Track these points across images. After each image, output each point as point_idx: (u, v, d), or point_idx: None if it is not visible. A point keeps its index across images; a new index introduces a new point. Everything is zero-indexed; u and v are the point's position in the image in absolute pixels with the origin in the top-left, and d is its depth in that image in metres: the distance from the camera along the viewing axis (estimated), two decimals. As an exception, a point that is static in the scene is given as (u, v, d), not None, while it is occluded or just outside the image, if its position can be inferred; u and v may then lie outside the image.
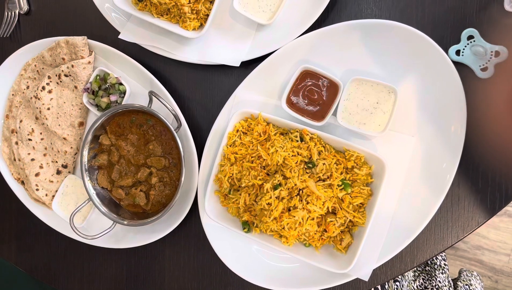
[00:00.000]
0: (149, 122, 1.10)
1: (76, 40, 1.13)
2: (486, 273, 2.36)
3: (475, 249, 2.36)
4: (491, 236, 2.35)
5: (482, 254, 2.36)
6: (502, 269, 2.35)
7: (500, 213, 2.34)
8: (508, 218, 2.34)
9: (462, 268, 1.71)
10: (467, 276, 1.69)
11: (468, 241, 2.36)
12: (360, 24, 0.97)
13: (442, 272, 1.60)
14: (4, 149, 1.28)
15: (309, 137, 0.97)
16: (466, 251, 2.37)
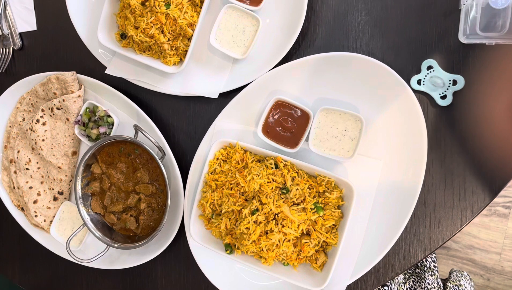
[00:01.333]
0: (136, 151, 1.18)
1: (66, 76, 1.21)
2: (478, 272, 2.42)
3: (466, 249, 2.42)
4: (481, 235, 2.41)
5: (473, 253, 2.42)
6: (494, 267, 2.41)
7: (490, 213, 2.40)
8: (498, 218, 2.40)
9: (453, 269, 1.77)
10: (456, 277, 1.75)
11: (460, 241, 2.42)
12: (326, 57, 1.04)
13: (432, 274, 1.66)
14: (4, 178, 1.36)
15: (283, 164, 1.04)
16: (458, 251, 2.43)
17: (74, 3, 1.22)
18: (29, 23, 1.36)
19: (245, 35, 1.09)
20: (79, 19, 1.23)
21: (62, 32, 1.31)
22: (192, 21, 1.09)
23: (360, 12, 1.06)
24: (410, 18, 1.03)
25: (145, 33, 1.10)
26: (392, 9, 1.04)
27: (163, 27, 1.09)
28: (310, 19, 1.09)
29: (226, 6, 1.09)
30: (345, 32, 1.08)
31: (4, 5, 1.36)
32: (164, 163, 1.14)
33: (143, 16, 1.09)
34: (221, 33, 1.11)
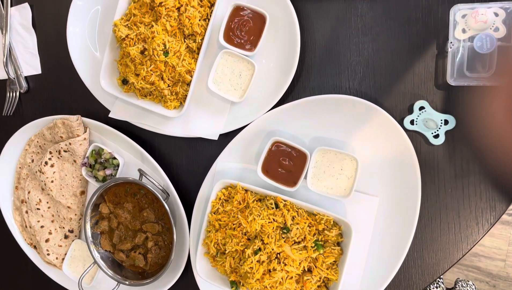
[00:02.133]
0: (141, 191, 1.22)
1: (71, 120, 1.25)
2: (484, 279, 2.45)
3: (471, 256, 2.45)
4: (486, 243, 2.44)
5: (478, 260, 2.44)
6: (499, 274, 2.43)
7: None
8: (502, 225, 2.43)
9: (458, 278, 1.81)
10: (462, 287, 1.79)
11: (464, 249, 2.44)
12: (320, 99, 1.07)
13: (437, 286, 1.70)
14: (16, 217, 1.42)
15: (283, 204, 1.08)
16: (463, 259, 2.46)
17: (76, 49, 1.27)
18: (34, 67, 1.41)
19: (241, 78, 1.13)
20: (81, 65, 1.28)
21: (66, 76, 1.35)
22: (190, 68, 1.13)
23: (352, 53, 1.10)
24: (401, 59, 1.06)
25: (146, 80, 1.14)
26: (383, 50, 1.07)
27: (162, 74, 1.14)
28: (304, 60, 1.13)
29: (222, 52, 1.13)
30: (338, 72, 1.11)
31: (10, 50, 1.41)
32: (169, 202, 1.18)
33: (143, 64, 1.14)
34: (218, 77, 1.15)
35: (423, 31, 1.04)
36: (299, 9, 1.12)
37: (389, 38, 1.07)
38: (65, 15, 1.27)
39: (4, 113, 1.43)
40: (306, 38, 1.13)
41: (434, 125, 1.02)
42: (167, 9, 1.12)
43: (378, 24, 1.07)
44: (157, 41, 1.11)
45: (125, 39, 1.15)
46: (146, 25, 1.15)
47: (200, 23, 1.13)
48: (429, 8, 1.03)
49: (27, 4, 1.38)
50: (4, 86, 1.43)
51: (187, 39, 1.14)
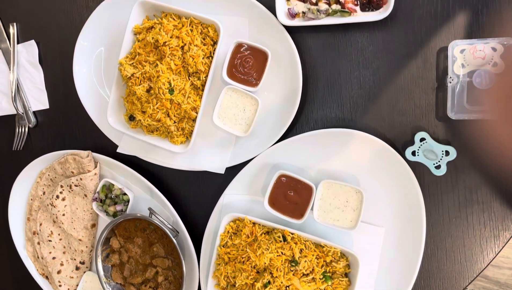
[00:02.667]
0: (151, 227, 1.25)
1: (82, 157, 1.28)
2: (491, 287, 2.46)
3: (479, 265, 2.46)
4: (493, 251, 2.44)
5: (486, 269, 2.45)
6: (507, 282, 2.44)
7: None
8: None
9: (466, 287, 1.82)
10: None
11: (471, 258, 2.45)
12: (323, 133, 1.10)
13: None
14: (28, 248, 1.44)
15: (291, 237, 1.10)
16: (470, 268, 2.47)
17: (83, 87, 1.30)
18: (42, 102, 1.44)
19: (246, 113, 1.16)
20: (88, 101, 1.30)
21: (73, 111, 1.38)
22: (195, 105, 1.16)
23: (353, 86, 1.12)
24: (401, 91, 1.08)
25: (152, 118, 1.17)
26: (384, 83, 1.09)
27: (168, 111, 1.16)
28: (306, 93, 1.15)
29: (226, 88, 1.15)
30: (340, 105, 1.14)
31: (18, 86, 1.44)
32: (178, 238, 1.20)
33: (149, 102, 1.16)
34: (223, 112, 1.17)
35: (423, 64, 1.06)
36: (300, 44, 1.14)
37: (389, 71, 1.09)
38: (70, 51, 1.30)
39: (14, 148, 1.46)
40: (308, 72, 1.15)
41: (435, 156, 1.04)
42: (171, 49, 1.14)
43: (378, 58, 1.09)
44: (162, 80, 1.13)
45: (131, 77, 1.18)
46: (151, 64, 1.17)
47: (204, 61, 1.15)
48: (427, 42, 1.05)
49: (33, 41, 1.41)
50: (12, 121, 1.46)
51: (191, 76, 1.17)
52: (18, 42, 1.43)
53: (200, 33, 1.16)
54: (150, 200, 1.27)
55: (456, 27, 1.03)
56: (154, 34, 1.15)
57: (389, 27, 1.08)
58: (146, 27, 1.18)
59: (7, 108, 1.48)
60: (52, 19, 1.39)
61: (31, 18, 1.41)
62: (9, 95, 1.46)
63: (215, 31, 1.16)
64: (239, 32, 1.17)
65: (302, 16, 1.09)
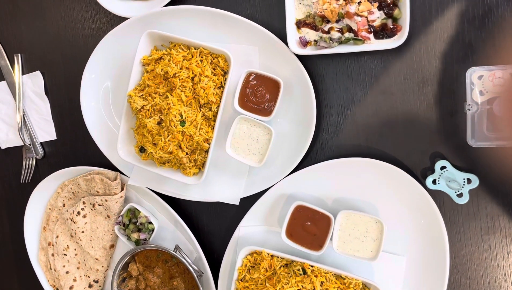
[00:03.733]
0: (173, 260, 1.23)
1: (110, 179, 1.26)
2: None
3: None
4: None
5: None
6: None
7: None
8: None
9: None
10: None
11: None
12: (340, 163, 1.08)
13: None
14: (41, 257, 1.42)
15: (311, 270, 1.08)
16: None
17: (91, 120, 1.28)
18: (49, 133, 1.42)
19: (259, 143, 1.14)
20: (97, 133, 1.28)
21: (82, 141, 1.36)
22: (208, 136, 1.14)
23: (368, 112, 1.10)
24: (418, 118, 1.06)
25: (164, 150, 1.15)
26: (400, 109, 1.07)
27: (180, 143, 1.14)
28: (320, 121, 1.13)
29: (238, 117, 1.13)
30: (355, 132, 1.12)
31: (24, 118, 1.42)
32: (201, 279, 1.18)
33: (161, 135, 1.14)
34: (236, 142, 1.15)
35: (439, 90, 1.04)
36: (312, 71, 1.12)
37: (405, 97, 1.07)
38: (77, 82, 1.27)
39: (22, 180, 1.44)
40: (321, 99, 1.13)
41: (457, 185, 1.02)
42: (181, 80, 1.12)
43: (393, 84, 1.07)
44: (173, 112, 1.11)
45: (141, 110, 1.16)
46: (161, 96, 1.15)
47: (215, 91, 1.13)
48: (443, 68, 1.03)
49: (39, 72, 1.39)
50: (19, 152, 1.44)
51: (202, 107, 1.15)
52: (23, 73, 1.41)
53: (210, 64, 1.14)
54: (174, 231, 1.25)
55: (472, 52, 1.01)
56: (164, 65, 1.13)
57: (403, 53, 1.06)
58: (154, 58, 1.16)
59: (14, 139, 1.46)
60: (57, 49, 1.37)
61: (36, 49, 1.39)
62: (16, 127, 1.44)
63: (225, 61, 1.14)
64: (249, 61, 1.15)
65: (314, 44, 1.07)
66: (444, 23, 1.02)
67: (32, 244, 1.42)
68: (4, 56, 1.43)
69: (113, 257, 1.36)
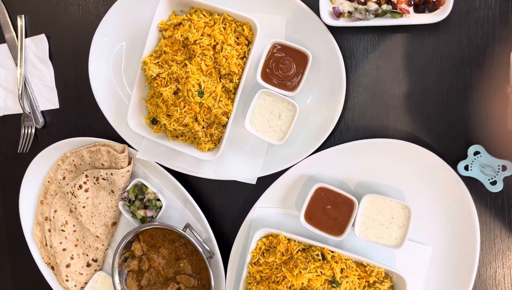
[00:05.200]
0: (181, 240, 1.15)
1: (117, 151, 1.18)
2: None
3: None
4: None
5: None
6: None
7: None
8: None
9: None
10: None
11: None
12: (367, 143, 1.02)
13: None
14: (37, 233, 1.33)
15: (331, 256, 1.02)
16: None
17: (100, 87, 1.20)
18: (51, 101, 1.33)
19: (281, 120, 1.07)
20: (105, 102, 1.20)
21: (86, 112, 1.28)
22: (227, 110, 1.07)
23: (399, 93, 1.04)
24: (453, 100, 1.01)
25: (179, 122, 1.07)
26: (434, 91, 1.02)
27: (197, 116, 1.07)
28: (347, 100, 1.07)
29: (260, 91, 1.06)
30: (384, 113, 1.05)
31: (25, 84, 1.33)
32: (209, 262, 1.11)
33: (176, 106, 1.07)
34: (256, 118, 1.08)
35: (479, 72, 0.98)
36: (341, 46, 1.06)
37: (440, 78, 1.01)
38: (85, 47, 1.19)
39: (20, 150, 1.35)
40: (350, 76, 1.07)
41: (491, 171, 0.97)
42: (202, 48, 1.05)
43: (428, 63, 1.01)
44: (191, 81, 1.04)
45: (156, 78, 1.08)
46: (179, 64, 1.08)
47: (237, 62, 1.06)
48: (484, 48, 0.98)
49: (44, 35, 1.30)
50: (17, 121, 1.35)
51: (223, 78, 1.08)
52: (27, 36, 1.32)
53: (234, 32, 1.07)
54: (182, 210, 1.17)
55: (516, 32, 0.96)
56: (184, 31, 1.06)
57: (441, 31, 1.00)
58: (173, 23, 1.09)
59: (13, 107, 1.37)
60: (64, 12, 1.28)
61: (42, 10, 1.30)
62: (16, 93, 1.34)
63: (250, 30, 1.07)
64: (275, 32, 1.08)
65: (348, 16, 1.01)
66: (488, 1, 0.96)
67: (27, 218, 1.33)
68: (6, 16, 1.33)
69: (114, 236, 1.28)
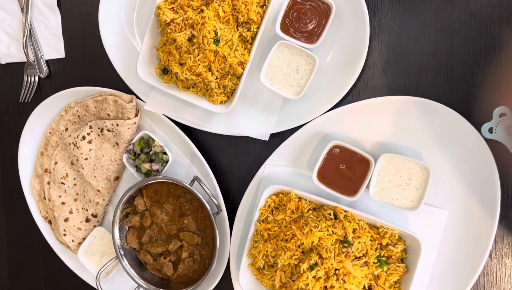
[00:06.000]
0: (187, 196, 1.11)
1: (125, 101, 1.13)
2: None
3: None
4: None
5: None
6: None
7: None
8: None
9: None
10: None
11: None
12: (388, 101, 0.98)
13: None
14: (35, 185, 1.28)
15: (343, 215, 0.98)
16: None
17: (109, 33, 1.15)
18: (56, 50, 1.28)
19: (298, 73, 1.02)
20: (114, 50, 1.15)
21: (93, 62, 1.23)
22: (243, 60, 1.02)
23: (423, 51, 1.00)
24: (481, 60, 0.97)
25: (192, 71, 1.03)
26: (459, 49, 0.98)
27: (211, 65, 1.02)
28: (368, 57, 1.03)
29: (278, 43, 1.02)
30: (406, 72, 1.01)
31: (30, 31, 1.27)
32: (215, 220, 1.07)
33: (190, 53, 1.02)
34: (272, 70, 1.04)
35: (508, 31, 0.94)
36: (367, 0, 1.01)
37: (467, 37, 0.97)
38: (95, -7, 1.15)
39: (21, 99, 1.30)
40: (372, 32, 1.02)
41: (516, 134, 0.93)
42: (220, -7, 1.00)
43: (456, 21, 0.97)
44: (207, 28, 0.99)
45: (170, 24, 1.03)
46: (195, 9, 1.03)
47: (257, 10, 1.01)
48: (518, 6, 0.94)
49: (52, -21, 1.24)
50: (20, 69, 1.30)
51: (240, 27, 1.03)
52: (34, -19, 1.27)
53: (255, -22, 1.02)
54: (189, 166, 1.13)
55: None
56: (202, -26, 1.01)
57: (472, -13, 0.96)
58: (191, -33, 1.04)
59: (16, 54, 1.31)
60: (75, -46, 1.23)
61: (51, -47, 1.25)
62: (20, 41, 1.29)
63: (271, -23, 1.02)
64: (296, -19, 1.04)
65: (376, -34, 0.96)
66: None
67: (26, 170, 1.28)
68: (14, -42, 1.28)
69: (116, 192, 1.23)
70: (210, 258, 1.09)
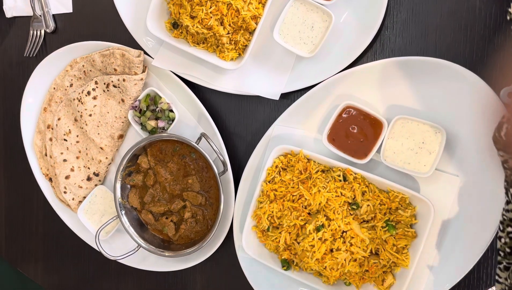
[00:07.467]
0: (192, 155, 1.08)
1: (133, 56, 1.10)
2: None
3: None
4: None
5: None
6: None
7: None
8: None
9: None
10: None
11: None
12: (405, 61, 0.94)
13: None
14: (37, 141, 1.26)
15: (353, 177, 0.95)
16: None
17: (119, -14, 1.12)
18: (64, 5, 1.25)
19: (313, 31, 0.99)
20: (123, 3, 1.12)
21: (101, 18, 1.20)
22: (257, 13, 0.99)
23: (443, 11, 0.97)
24: (502, 23, 0.93)
25: (203, 24, 1.00)
26: (482, 10, 0.94)
27: (223, 18, 0.99)
28: (385, 18, 0.99)
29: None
30: (424, 34, 0.98)
31: (37, -16, 1.24)
32: (222, 177, 1.04)
33: (202, 5, 0.99)
34: (286, 27, 1.01)
35: (534, -8, 0.91)
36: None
37: (490, -2, 0.94)
38: None
39: (26, 54, 1.27)
40: (391, -8, 0.99)
41: (536, 100, 0.90)
42: None
43: (478, -19, 0.94)
44: (221, -22, 0.96)
45: (182, -26, 1.00)
46: (208, -40, 1.00)
47: (273, -38, 0.98)
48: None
49: None
50: (26, 24, 1.27)
51: (255, -21, 1.00)
52: None
53: None
54: (195, 126, 1.10)
55: None
56: None
57: None
58: None
59: (23, 8, 1.28)
60: None
61: None
62: (27, -7, 1.26)
63: None
64: None
65: None
66: None
67: (28, 126, 1.25)
68: None
69: (119, 151, 1.21)
70: (213, 219, 1.06)
